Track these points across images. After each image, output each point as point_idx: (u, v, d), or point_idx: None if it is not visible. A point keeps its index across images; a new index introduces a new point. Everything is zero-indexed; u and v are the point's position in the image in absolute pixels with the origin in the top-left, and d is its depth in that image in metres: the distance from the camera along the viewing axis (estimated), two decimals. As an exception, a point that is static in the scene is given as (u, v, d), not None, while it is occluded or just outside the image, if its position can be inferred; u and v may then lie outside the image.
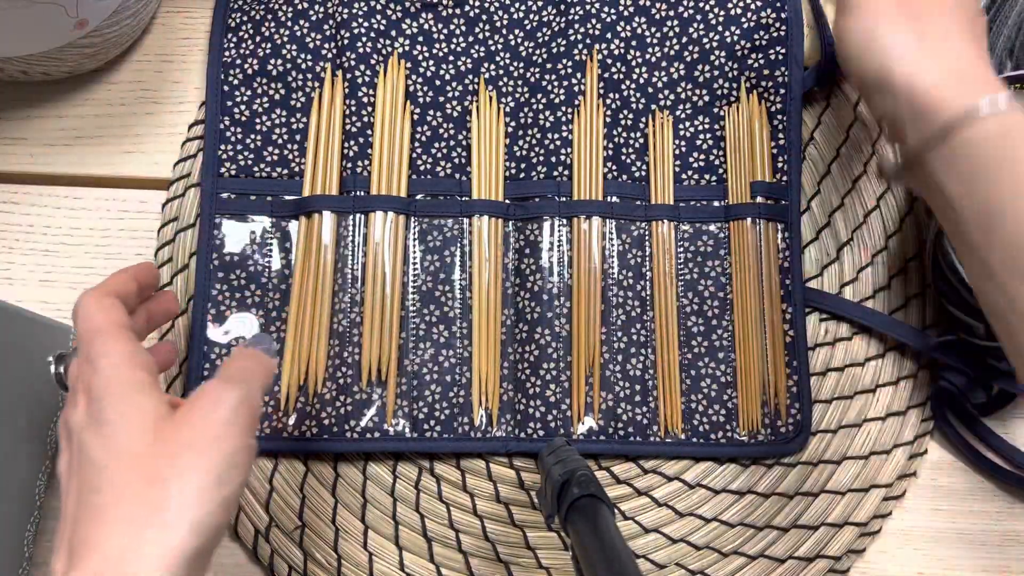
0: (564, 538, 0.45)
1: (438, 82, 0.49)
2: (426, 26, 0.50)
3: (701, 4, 0.50)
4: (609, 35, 0.49)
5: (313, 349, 0.45)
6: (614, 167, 0.48)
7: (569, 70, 0.49)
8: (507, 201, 0.48)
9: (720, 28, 0.49)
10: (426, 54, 0.49)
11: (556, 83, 0.49)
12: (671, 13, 0.50)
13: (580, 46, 0.49)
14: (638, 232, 0.48)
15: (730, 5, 0.50)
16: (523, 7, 0.50)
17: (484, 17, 0.50)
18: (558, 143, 0.48)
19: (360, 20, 0.49)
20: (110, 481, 0.26)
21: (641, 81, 0.50)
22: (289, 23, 0.49)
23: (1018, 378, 0.32)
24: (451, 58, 0.50)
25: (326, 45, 0.49)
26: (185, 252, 0.47)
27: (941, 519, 0.46)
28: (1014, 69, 0.44)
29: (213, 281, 0.46)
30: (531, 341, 0.46)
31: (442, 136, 0.49)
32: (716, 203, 0.49)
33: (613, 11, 0.50)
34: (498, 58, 0.50)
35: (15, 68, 0.45)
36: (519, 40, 0.50)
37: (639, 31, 0.50)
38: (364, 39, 0.49)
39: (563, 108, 0.48)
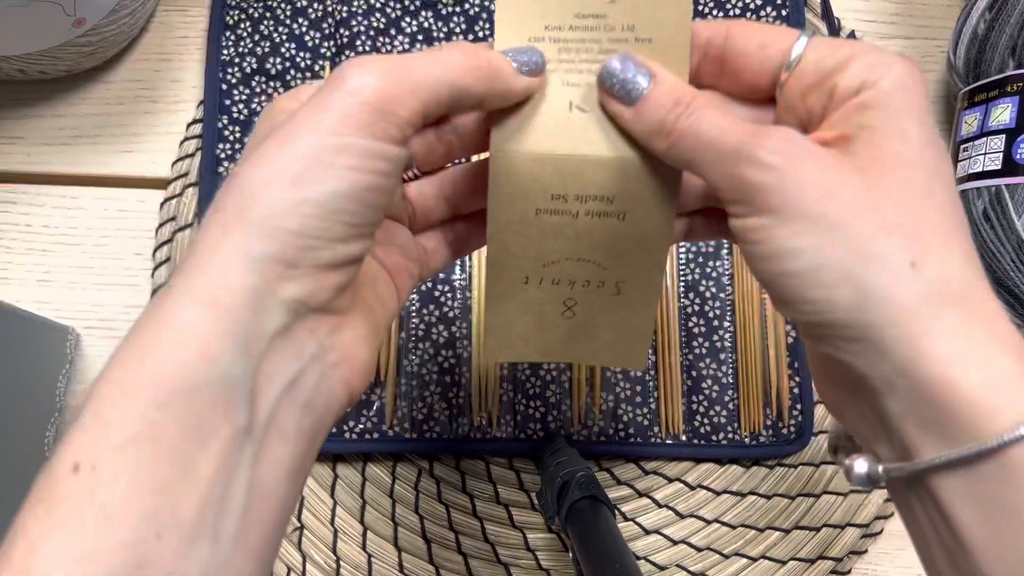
0: (564, 540, 0.44)
1: (438, 81, 0.49)
2: (426, 24, 0.49)
3: (699, 6, 0.50)
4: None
5: (312, 349, 0.45)
6: (615, 166, 0.48)
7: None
8: (507, 200, 0.48)
9: (721, 27, 0.49)
10: (426, 53, 0.49)
11: (556, 82, 0.48)
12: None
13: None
14: (639, 232, 0.48)
15: (728, 6, 0.49)
16: (523, 6, 0.50)
17: (484, 16, 0.50)
18: (558, 142, 0.48)
19: (359, 18, 0.49)
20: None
21: (642, 80, 0.49)
22: (288, 21, 0.49)
23: None
24: (451, 57, 0.49)
25: (325, 43, 0.49)
26: (183, 252, 0.47)
27: (943, 521, 0.46)
28: (1015, 68, 0.44)
29: (211, 281, 0.46)
30: (531, 341, 0.46)
31: (442, 135, 0.48)
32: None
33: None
34: (498, 57, 0.49)
35: (12, 67, 0.45)
36: (519, 39, 0.50)
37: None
38: (364, 37, 0.48)
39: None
